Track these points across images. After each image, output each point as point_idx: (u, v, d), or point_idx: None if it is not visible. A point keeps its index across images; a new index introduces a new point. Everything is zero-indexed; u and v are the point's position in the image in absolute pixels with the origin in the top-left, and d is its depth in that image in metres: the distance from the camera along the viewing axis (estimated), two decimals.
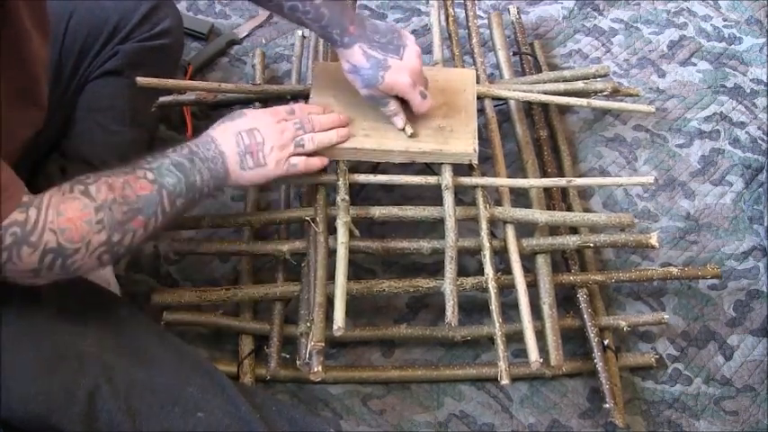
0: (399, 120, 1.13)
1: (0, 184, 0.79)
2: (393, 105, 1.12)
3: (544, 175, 1.30)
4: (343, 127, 1.12)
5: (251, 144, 1.02)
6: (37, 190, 0.86)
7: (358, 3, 1.52)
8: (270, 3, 1.06)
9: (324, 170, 1.16)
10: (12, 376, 0.87)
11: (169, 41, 1.24)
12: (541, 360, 1.04)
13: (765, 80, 1.51)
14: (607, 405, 1.07)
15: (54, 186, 0.86)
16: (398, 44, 1.09)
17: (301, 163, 1.07)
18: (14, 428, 0.91)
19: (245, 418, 0.92)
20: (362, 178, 1.16)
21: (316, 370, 1.00)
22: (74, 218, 0.84)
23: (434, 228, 1.25)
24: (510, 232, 1.14)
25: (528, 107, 1.38)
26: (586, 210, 1.31)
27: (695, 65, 1.53)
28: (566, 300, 1.19)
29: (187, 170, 0.96)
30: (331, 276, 1.05)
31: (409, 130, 1.13)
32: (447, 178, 1.13)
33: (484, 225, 1.12)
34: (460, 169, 1.17)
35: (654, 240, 1.15)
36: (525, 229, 1.19)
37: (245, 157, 1.01)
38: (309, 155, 1.08)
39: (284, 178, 1.08)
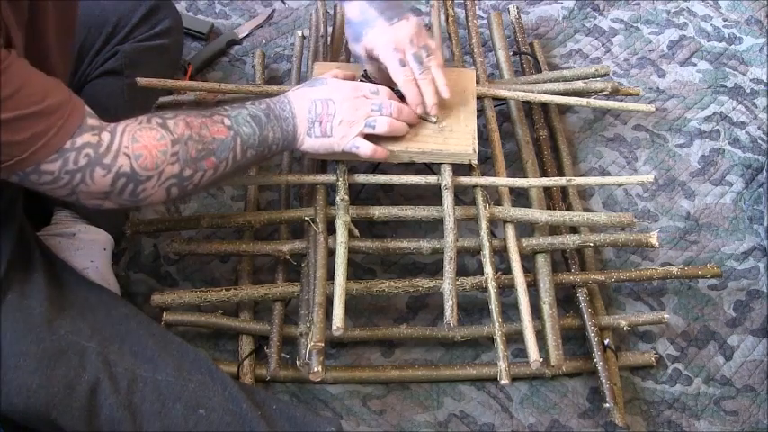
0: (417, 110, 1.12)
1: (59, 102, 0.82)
2: (382, 95, 1.10)
3: (544, 175, 1.30)
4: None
5: (322, 113, 1.04)
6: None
7: None
8: None
9: (323, 170, 1.16)
10: (12, 368, 0.87)
11: (169, 41, 1.24)
12: (541, 359, 1.04)
13: (765, 80, 1.51)
14: (607, 404, 1.07)
15: (129, 119, 0.89)
16: (398, 15, 1.10)
17: (366, 149, 1.07)
18: (16, 425, 0.92)
19: (246, 415, 0.92)
20: (362, 178, 1.16)
21: (315, 370, 1.00)
22: (149, 145, 0.87)
23: (434, 228, 1.25)
24: (510, 232, 1.14)
25: (528, 107, 1.38)
26: (586, 210, 1.31)
27: (695, 65, 1.53)
28: (566, 299, 1.19)
29: (262, 124, 0.99)
30: (331, 276, 1.05)
31: (434, 117, 1.13)
32: (446, 178, 1.13)
33: (484, 225, 1.12)
34: (460, 169, 1.17)
35: (654, 239, 1.15)
36: (525, 229, 1.20)
37: (313, 124, 1.04)
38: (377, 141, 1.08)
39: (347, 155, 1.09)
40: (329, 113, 1.04)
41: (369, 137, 1.08)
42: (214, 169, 0.94)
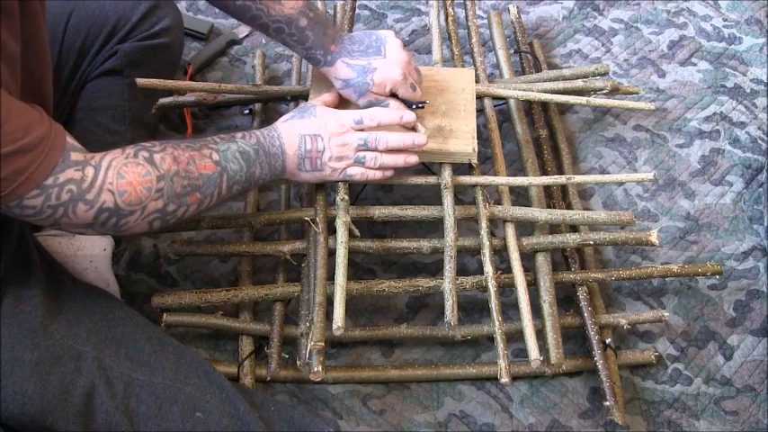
0: (408, 115, 1.11)
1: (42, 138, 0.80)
2: (394, 104, 1.12)
3: (544, 174, 1.30)
4: (420, 146, 1.10)
5: (312, 150, 1.05)
6: None
7: (358, 3, 1.52)
8: (256, 23, 1.07)
9: None
10: (8, 375, 0.87)
11: (169, 40, 1.24)
12: (541, 358, 1.04)
13: (765, 80, 1.51)
14: (607, 403, 1.07)
15: (117, 149, 0.89)
16: (378, 45, 1.10)
17: (358, 175, 1.09)
18: (14, 430, 0.91)
19: (243, 418, 0.92)
20: None
21: (316, 370, 1.00)
22: (134, 182, 0.87)
23: (434, 227, 1.25)
24: (510, 231, 1.14)
25: (528, 106, 1.38)
26: (586, 210, 1.31)
27: (695, 65, 1.53)
28: (566, 298, 1.19)
29: (251, 160, 1.00)
30: (331, 276, 1.05)
31: (422, 128, 1.12)
32: (446, 178, 1.14)
33: (483, 224, 1.12)
34: (460, 169, 1.17)
35: (654, 237, 1.15)
36: (525, 228, 1.20)
37: (303, 160, 1.05)
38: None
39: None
40: (318, 150, 1.05)
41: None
42: (198, 204, 0.95)
